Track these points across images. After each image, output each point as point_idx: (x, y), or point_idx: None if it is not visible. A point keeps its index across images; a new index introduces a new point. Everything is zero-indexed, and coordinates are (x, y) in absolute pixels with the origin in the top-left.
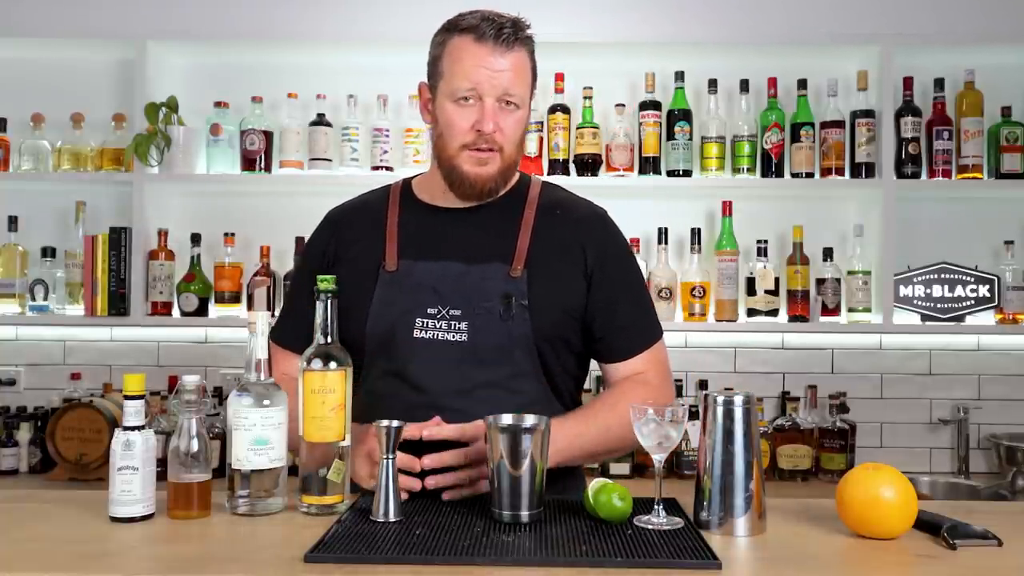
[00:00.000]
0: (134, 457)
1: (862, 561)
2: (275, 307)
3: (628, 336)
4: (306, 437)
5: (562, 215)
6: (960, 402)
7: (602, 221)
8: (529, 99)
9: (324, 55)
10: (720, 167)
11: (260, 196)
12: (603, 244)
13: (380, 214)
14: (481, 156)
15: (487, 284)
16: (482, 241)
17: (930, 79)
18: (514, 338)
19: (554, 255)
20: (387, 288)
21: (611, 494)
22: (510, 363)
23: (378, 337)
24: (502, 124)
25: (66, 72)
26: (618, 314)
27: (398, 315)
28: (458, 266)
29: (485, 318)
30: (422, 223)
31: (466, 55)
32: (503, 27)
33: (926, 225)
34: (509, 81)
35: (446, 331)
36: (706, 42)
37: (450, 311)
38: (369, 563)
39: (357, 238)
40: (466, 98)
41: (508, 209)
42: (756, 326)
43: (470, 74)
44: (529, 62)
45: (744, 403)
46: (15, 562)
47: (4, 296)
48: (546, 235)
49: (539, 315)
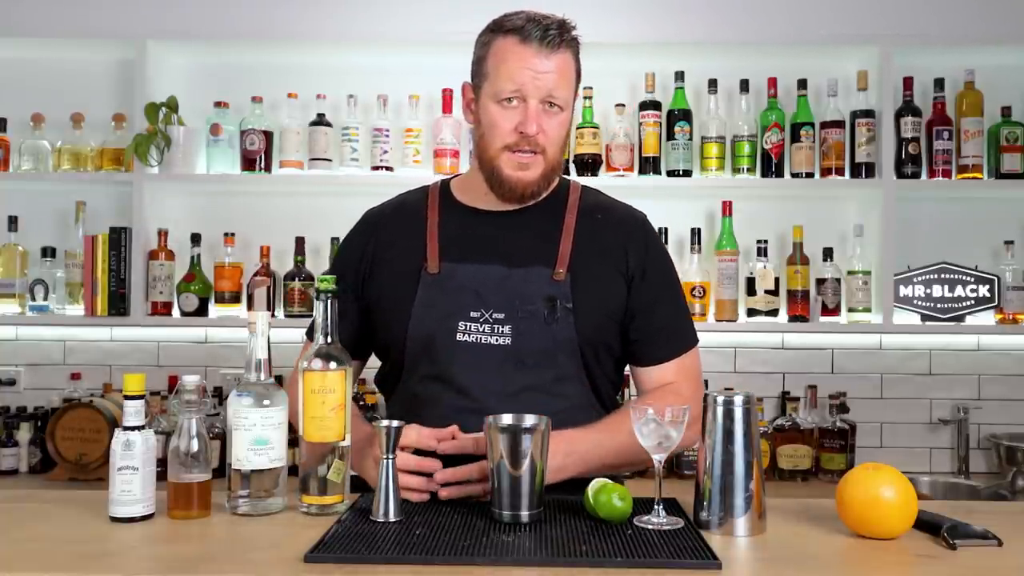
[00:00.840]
0: (134, 457)
1: (862, 561)
2: (275, 307)
3: (664, 340)
4: (306, 437)
5: (603, 219)
6: (960, 402)
7: (643, 225)
8: (573, 101)
9: (324, 55)
10: (720, 167)
11: (260, 196)
12: (644, 247)
13: (419, 215)
14: (523, 159)
15: (530, 287)
16: (524, 244)
17: (930, 79)
18: (558, 341)
19: (595, 258)
20: (429, 291)
21: (611, 494)
22: (554, 367)
23: (420, 340)
24: (545, 126)
25: (66, 72)
26: (656, 317)
27: (441, 318)
28: (500, 269)
29: (529, 321)
30: (463, 225)
31: (511, 56)
32: (549, 28)
33: (926, 225)
34: (553, 83)
35: (489, 334)
36: (706, 42)
37: (493, 314)
38: (369, 563)
39: (396, 239)
40: (510, 99)
41: (549, 212)
42: (756, 326)
43: (514, 75)
44: (574, 64)
45: (744, 403)
46: (15, 562)
47: (4, 296)
48: (587, 239)
49: (583, 318)
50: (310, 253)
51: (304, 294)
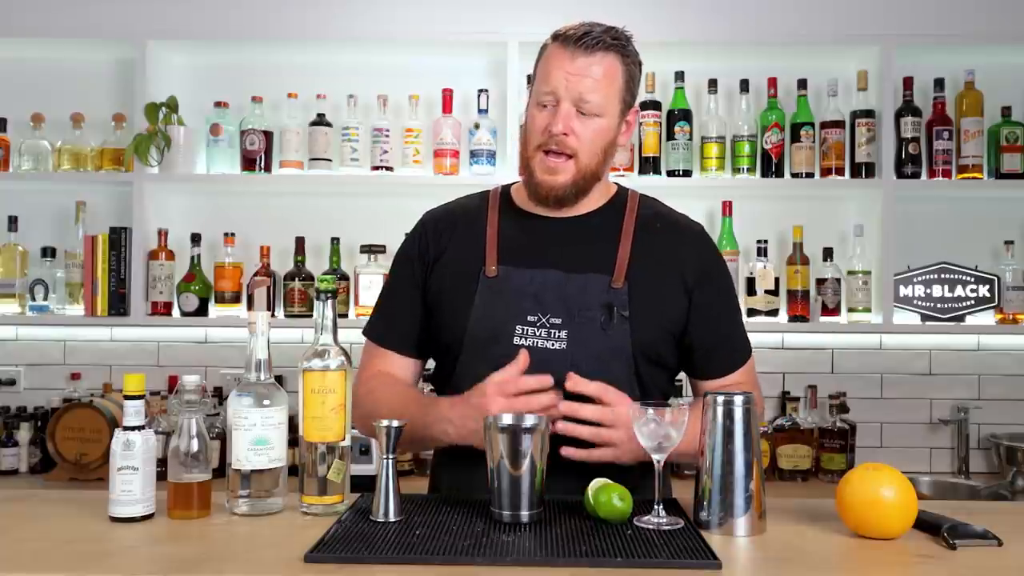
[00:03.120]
0: (134, 457)
1: (862, 561)
2: (275, 307)
3: (727, 352)
4: (306, 437)
5: (662, 228)
6: (960, 402)
7: (702, 236)
8: (619, 109)
9: (324, 55)
10: (720, 167)
11: (260, 196)
12: (703, 259)
13: (479, 218)
14: (550, 162)
15: (588, 294)
16: (582, 251)
17: (930, 79)
18: (613, 349)
19: (654, 269)
20: (488, 293)
21: (611, 494)
22: (607, 373)
23: (479, 341)
24: (577, 129)
25: (66, 72)
26: (718, 330)
27: (499, 321)
28: (558, 275)
29: (586, 328)
30: (522, 229)
31: (552, 60)
32: (589, 32)
33: (926, 225)
34: (587, 86)
35: (546, 339)
36: (706, 42)
37: (550, 319)
38: (369, 563)
39: (454, 241)
40: (546, 102)
41: (607, 220)
42: (756, 326)
43: (550, 77)
44: (620, 71)
45: (744, 403)
46: (15, 562)
47: (4, 296)
48: (646, 248)
49: (639, 328)
50: (310, 253)
51: (304, 294)
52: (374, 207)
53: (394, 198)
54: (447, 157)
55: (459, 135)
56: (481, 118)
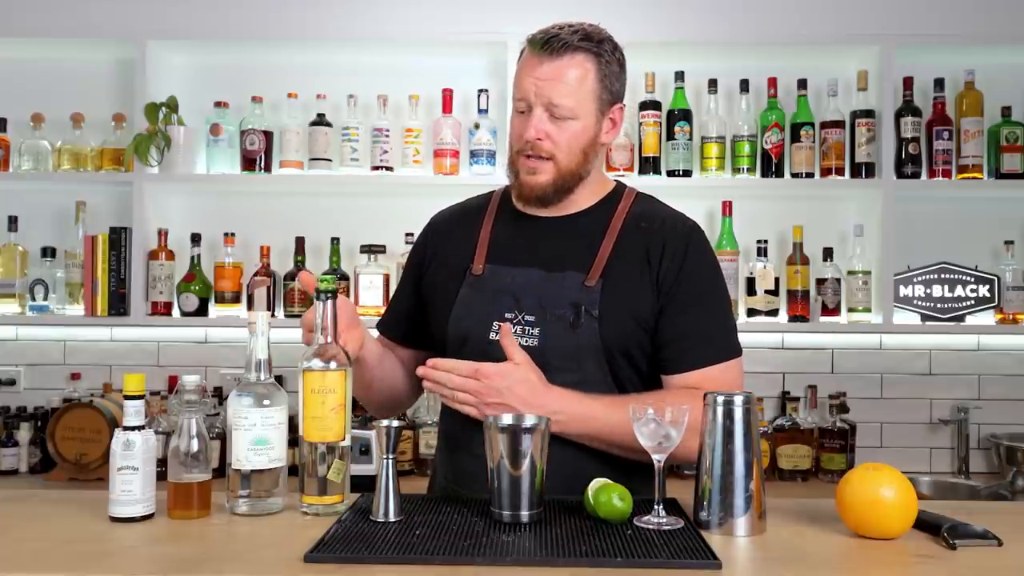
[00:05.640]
0: (134, 457)
1: (862, 561)
2: (275, 307)
3: (689, 347)
4: (306, 437)
5: (647, 226)
6: (960, 402)
7: (687, 233)
8: (594, 108)
9: (324, 55)
10: (720, 167)
11: (260, 196)
12: (682, 254)
13: (477, 219)
14: (530, 164)
15: (562, 292)
16: (563, 250)
17: (930, 79)
18: (582, 347)
19: (630, 265)
20: (470, 291)
21: (611, 494)
22: (579, 371)
23: (458, 337)
24: (551, 133)
25: (66, 72)
26: (682, 324)
27: (477, 318)
28: (539, 273)
29: (556, 325)
30: (515, 229)
31: (523, 66)
32: (557, 36)
33: (926, 225)
34: (556, 91)
35: (520, 336)
36: (706, 42)
37: (525, 317)
38: (369, 563)
39: (452, 240)
40: (521, 108)
41: (596, 219)
42: (756, 326)
43: (521, 84)
44: (591, 70)
45: (744, 403)
46: (15, 562)
47: (4, 296)
48: (627, 246)
49: (608, 325)
50: (310, 253)
51: (304, 294)
52: (374, 207)
53: (394, 198)
54: (447, 157)
55: (459, 135)
56: (481, 118)
